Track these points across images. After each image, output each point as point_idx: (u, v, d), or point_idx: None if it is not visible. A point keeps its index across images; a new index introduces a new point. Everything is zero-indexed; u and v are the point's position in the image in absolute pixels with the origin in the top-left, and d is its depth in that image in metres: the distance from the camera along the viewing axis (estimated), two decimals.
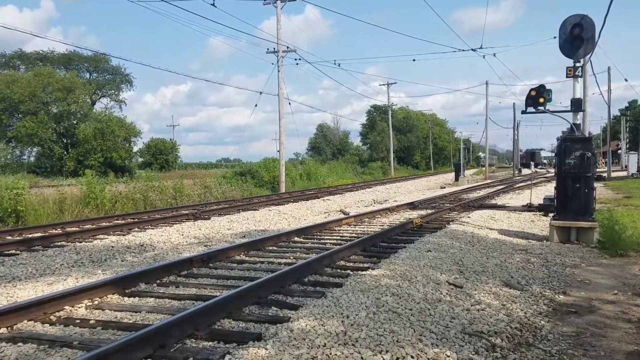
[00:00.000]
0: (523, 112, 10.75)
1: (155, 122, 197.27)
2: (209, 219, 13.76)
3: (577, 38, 9.94)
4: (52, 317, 4.90)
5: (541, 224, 12.28)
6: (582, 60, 10.32)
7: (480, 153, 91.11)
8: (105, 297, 5.61)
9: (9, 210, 13.53)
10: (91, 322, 4.73)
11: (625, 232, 9.29)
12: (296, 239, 9.84)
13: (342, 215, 14.14)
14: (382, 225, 11.90)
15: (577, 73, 10.20)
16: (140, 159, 55.21)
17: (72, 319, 4.84)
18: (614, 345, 4.50)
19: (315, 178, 36.31)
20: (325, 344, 3.94)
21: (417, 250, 7.97)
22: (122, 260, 8.27)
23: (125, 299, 5.64)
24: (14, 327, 4.63)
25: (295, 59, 31.09)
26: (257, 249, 8.64)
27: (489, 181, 37.59)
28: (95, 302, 5.40)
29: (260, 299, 5.34)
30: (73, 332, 4.51)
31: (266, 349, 3.79)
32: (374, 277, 6.08)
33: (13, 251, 9.11)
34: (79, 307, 5.23)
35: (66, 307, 5.14)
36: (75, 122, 44.99)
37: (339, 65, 31.83)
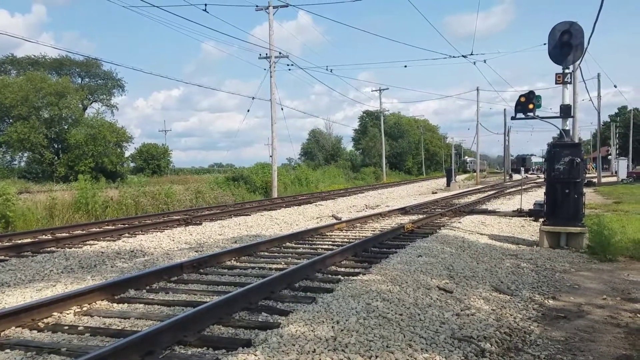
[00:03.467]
0: (513, 118, 10.84)
1: (147, 127, 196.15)
2: (200, 224, 13.72)
3: (566, 45, 10.04)
4: (40, 323, 4.86)
5: (531, 229, 12.35)
6: (571, 66, 10.42)
7: (467, 157, 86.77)
8: (94, 303, 5.57)
9: None
10: (80, 328, 4.70)
11: (615, 237, 9.36)
12: (288, 244, 9.82)
13: (334, 221, 14.14)
14: (374, 231, 11.91)
15: (566, 79, 10.29)
16: (132, 164, 55.02)
17: (60, 326, 4.81)
18: (602, 350, 4.53)
19: (308, 183, 36.30)
20: (315, 349, 3.94)
21: (408, 255, 7.98)
22: (112, 266, 8.23)
23: (115, 305, 5.61)
24: (2, 333, 4.59)
25: (288, 65, 31.22)
26: (248, 254, 8.63)
27: (480, 186, 37.72)
28: (84, 309, 5.37)
29: (250, 305, 5.32)
30: (61, 339, 4.48)
31: (255, 355, 3.79)
32: (365, 282, 6.09)
33: (2, 257, 9.03)
34: (68, 314, 5.19)
35: (55, 314, 5.11)
36: (66, 127, 44.79)
37: (331, 71, 32.16)
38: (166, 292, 6.12)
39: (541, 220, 11.01)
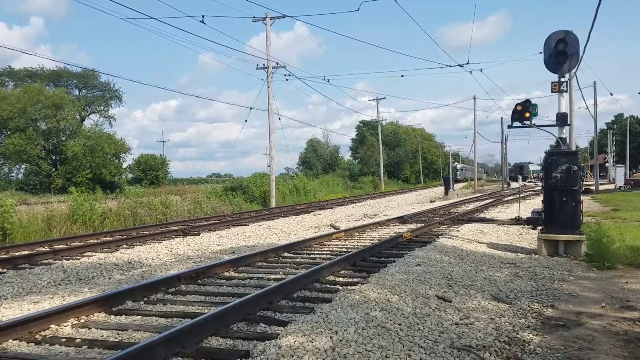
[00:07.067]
0: (509, 127, 10.90)
1: (145, 138, 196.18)
2: (198, 235, 13.68)
3: (561, 53, 10.10)
4: (37, 336, 4.84)
5: (529, 237, 12.35)
6: (567, 75, 10.48)
7: (456, 164, 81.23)
8: (91, 315, 5.55)
9: None
10: (77, 341, 4.68)
11: (613, 244, 9.36)
12: (286, 254, 9.81)
13: (333, 230, 14.12)
14: (372, 240, 11.90)
15: (562, 88, 10.35)
16: (130, 175, 55.03)
17: (57, 338, 4.78)
18: (601, 359, 4.51)
19: (306, 193, 36.29)
20: None
21: (406, 265, 7.97)
22: (109, 278, 8.19)
23: (112, 317, 5.58)
24: None
25: (285, 75, 31.35)
26: (246, 264, 8.60)
27: (478, 195, 37.77)
28: (82, 321, 5.34)
29: (248, 316, 5.30)
30: (58, 352, 4.46)
31: None
32: (363, 292, 6.07)
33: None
34: (65, 326, 5.16)
35: (52, 326, 5.08)
36: (64, 138, 44.83)
37: (328, 81, 32.37)
38: (164, 304, 6.09)
39: (539, 228, 11.01)
